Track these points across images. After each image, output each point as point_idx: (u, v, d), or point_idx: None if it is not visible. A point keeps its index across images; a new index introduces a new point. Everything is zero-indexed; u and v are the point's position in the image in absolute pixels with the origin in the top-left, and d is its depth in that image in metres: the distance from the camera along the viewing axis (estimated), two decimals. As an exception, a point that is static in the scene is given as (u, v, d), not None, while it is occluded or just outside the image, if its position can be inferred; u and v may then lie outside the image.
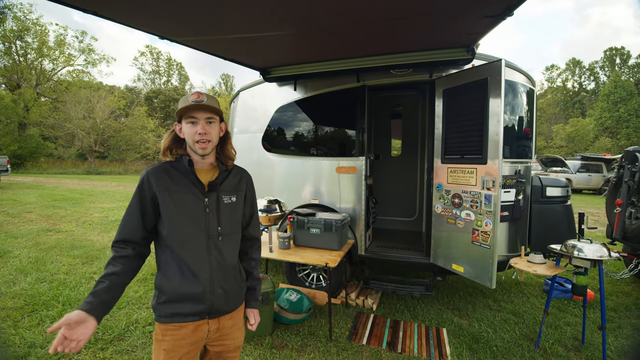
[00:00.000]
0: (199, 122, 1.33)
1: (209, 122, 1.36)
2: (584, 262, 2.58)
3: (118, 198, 12.22)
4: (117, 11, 1.96)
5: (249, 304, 1.59)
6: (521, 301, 3.86)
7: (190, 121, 1.33)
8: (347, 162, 3.82)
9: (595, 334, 3.10)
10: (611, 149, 28.28)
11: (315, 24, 2.41)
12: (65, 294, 3.75)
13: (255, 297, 1.61)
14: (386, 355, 2.76)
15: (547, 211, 3.75)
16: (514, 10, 1.95)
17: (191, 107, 1.31)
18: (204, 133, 1.33)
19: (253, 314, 1.59)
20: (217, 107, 1.36)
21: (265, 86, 4.23)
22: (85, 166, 29.75)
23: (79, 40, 30.18)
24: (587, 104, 41.78)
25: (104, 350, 2.79)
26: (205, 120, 1.34)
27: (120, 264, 1.27)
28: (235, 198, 1.48)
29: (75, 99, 28.89)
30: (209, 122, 1.35)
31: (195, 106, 1.30)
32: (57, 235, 6.48)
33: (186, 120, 1.34)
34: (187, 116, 1.33)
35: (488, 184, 2.89)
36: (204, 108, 1.32)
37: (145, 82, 50.78)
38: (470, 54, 3.13)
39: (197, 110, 1.32)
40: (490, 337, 3.04)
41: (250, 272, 1.60)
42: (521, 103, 3.58)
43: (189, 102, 1.31)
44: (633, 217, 3.93)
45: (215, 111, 1.36)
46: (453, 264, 3.27)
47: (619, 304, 3.80)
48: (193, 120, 1.33)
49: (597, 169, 16.14)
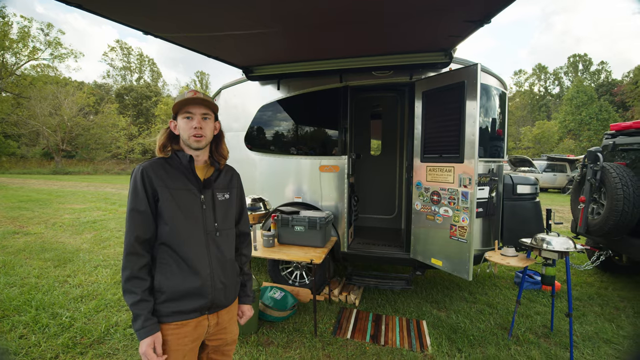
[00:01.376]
0: (195, 117, 1.36)
1: (205, 118, 1.38)
2: (553, 254, 2.77)
3: (89, 199, 11.73)
4: (103, 5, 1.92)
5: (241, 300, 1.62)
6: (494, 293, 4.07)
7: (186, 116, 1.36)
8: (330, 161, 3.89)
9: (563, 322, 3.33)
10: (574, 150, 29.98)
11: (300, 22, 2.45)
12: (38, 298, 3.60)
13: (247, 293, 1.64)
14: (370, 348, 2.85)
15: (518, 207, 3.96)
16: (492, 17, 2.08)
17: (188, 101, 1.33)
18: (199, 127, 1.35)
19: (245, 309, 1.63)
20: (213, 103, 1.39)
21: (247, 85, 4.23)
22: (52, 166, 28.29)
23: (44, 33, 28.54)
24: (552, 108, 44.08)
25: (84, 354, 2.72)
26: (201, 115, 1.37)
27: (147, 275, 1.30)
28: (228, 195, 1.51)
29: (41, 95, 27.39)
30: (204, 117, 1.38)
31: (191, 100, 1.33)
32: (25, 238, 6.17)
33: (182, 115, 1.36)
34: (184, 111, 1.35)
35: (465, 182, 3.04)
36: (200, 102, 1.35)
37: (116, 78, 48.95)
38: (448, 58, 3.27)
39: (193, 105, 1.35)
40: (467, 327, 3.20)
41: (241, 267, 1.62)
42: (494, 105, 3.77)
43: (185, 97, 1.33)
44: (595, 212, 4.22)
45: (210, 107, 1.39)
46: (432, 259, 3.40)
47: (582, 294, 4.08)
48: (189, 115, 1.35)
49: (561, 168, 17.08)
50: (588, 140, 31.92)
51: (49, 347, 2.78)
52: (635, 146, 4.16)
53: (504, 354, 2.78)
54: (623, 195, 3.64)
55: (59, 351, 2.73)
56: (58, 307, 3.46)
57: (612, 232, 3.80)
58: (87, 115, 31.85)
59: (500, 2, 1.93)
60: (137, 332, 1.22)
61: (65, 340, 2.86)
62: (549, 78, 48.55)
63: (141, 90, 40.49)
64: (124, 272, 1.26)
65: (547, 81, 48.67)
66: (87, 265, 4.75)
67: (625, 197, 3.64)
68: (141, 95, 39.74)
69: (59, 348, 2.76)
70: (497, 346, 2.89)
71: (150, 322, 1.24)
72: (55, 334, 2.96)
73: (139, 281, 1.26)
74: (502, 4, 1.93)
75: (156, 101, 38.13)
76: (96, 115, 32.77)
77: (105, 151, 32.76)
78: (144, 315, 1.23)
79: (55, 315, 3.28)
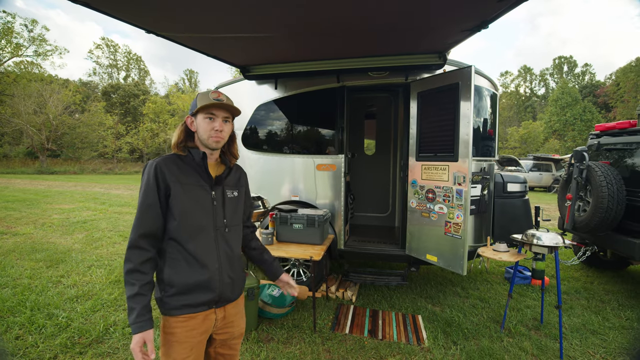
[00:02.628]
0: (217, 119, 1.40)
1: (225, 121, 1.43)
2: (543, 249, 2.89)
3: (77, 198, 11.53)
4: (111, 4, 1.93)
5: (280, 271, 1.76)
6: (486, 288, 4.19)
7: (209, 117, 1.40)
8: (326, 160, 3.95)
9: (552, 315, 3.46)
10: (559, 150, 30.75)
11: (306, 28, 2.51)
12: (32, 299, 3.56)
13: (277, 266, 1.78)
14: (369, 342, 2.92)
15: (508, 205, 4.08)
16: (489, 24, 2.16)
17: (212, 105, 1.37)
18: (220, 130, 1.40)
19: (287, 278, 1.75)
20: (235, 108, 1.44)
21: (244, 84, 4.24)
22: (37, 165, 27.55)
23: (28, 30, 27.79)
24: (538, 108, 45.07)
25: (83, 354, 2.71)
26: (223, 118, 1.42)
27: (149, 268, 1.31)
28: (237, 193, 1.56)
29: (25, 93, 26.65)
30: (225, 120, 1.43)
31: (217, 104, 1.38)
32: (15, 239, 6.05)
33: (204, 114, 1.40)
34: (206, 111, 1.39)
35: (459, 180, 3.14)
36: (223, 107, 1.40)
37: (102, 76, 48.04)
38: (442, 60, 3.35)
39: (217, 109, 1.40)
40: (461, 321, 3.30)
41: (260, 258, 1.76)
42: (486, 106, 3.88)
43: (210, 100, 1.37)
44: (581, 209, 4.38)
45: (232, 112, 1.44)
46: (427, 255, 3.49)
47: (570, 288, 4.24)
48: (211, 116, 1.40)
49: (547, 168, 17.51)
50: (572, 140, 32.78)
51: (47, 347, 2.76)
52: (619, 146, 4.33)
53: (497, 345, 2.88)
54: (608, 192, 3.80)
55: (57, 351, 2.71)
56: (53, 307, 3.42)
57: (597, 229, 3.96)
58: (73, 113, 31.16)
59: (497, 10, 2.01)
60: (130, 326, 1.24)
61: (63, 340, 2.85)
62: (535, 79, 49.66)
63: (128, 89, 39.78)
64: (126, 265, 1.28)
65: (533, 82, 49.77)
66: (80, 266, 4.70)
67: (609, 194, 3.79)
68: (128, 94, 39.04)
69: (57, 348, 2.75)
70: (490, 338, 3.00)
71: (143, 318, 1.24)
72: (52, 335, 2.94)
73: (140, 274, 1.27)
74: (500, 11, 2.01)
75: (144, 100, 37.53)
76: (82, 113, 32.08)
77: (92, 150, 32.08)
78: (138, 310, 1.24)
79: (51, 316, 3.25)
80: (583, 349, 2.88)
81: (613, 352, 2.86)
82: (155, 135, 32.96)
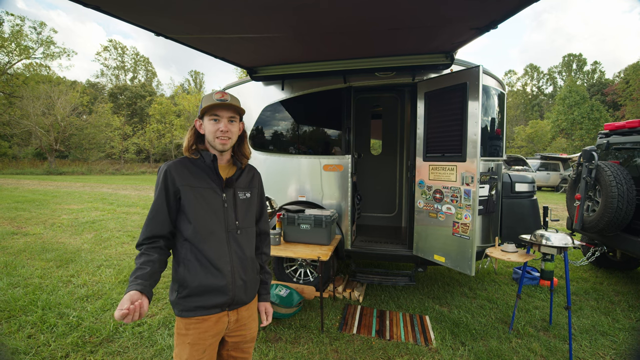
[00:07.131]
0: (222, 120, 1.40)
1: (231, 121, 1.42)
2: (552, 250, 2.86)
3: (86, 199, 11.66)
4: (121, 7, 1.95)
5: (262, 298, 1.65)
6: (494, 289, 4.17)
7: (213, 118, 1.39)
8: (333, 160, 3.95)
9: (561, 315, 3.43)
10: (567, 149, 30.41)
11: (313, 29, 2.51)
12: (43, 298, 3.61)
13: (267, 291, 1.67)
14: (376, 342, 2.92)
15: (516, 205, 4.05)
16: (498, 24, 2.15)
17: (216, 106, 1.37)
18: (225, 131, 1.39)
19: (265, 308, 1.64)
20: (240, 107, 1.43)
21: (251, 85, 4.27)
22: (45, 166, 27.95)
23: (37, 32, 28.16)
24: (545, 107, 44.62)
25: (94, 352, 2.75)
26: (228, 118, 1.41)
27: (155, 252, 1.30)
28: (249, 194, 1.55)
29: (34, 94, 27.06)
30: (230, 120, 1.42)
31: (220, 105, 1.37)
32: (25, 239, 6.14)
33: (209, 116, 1.40)
34: (211, 113, 1.39)
35: (467, 180, 3.12)
36: (227, 107, 1.39)
37: (110, 77, 48.51)
38: (449, 60, 3.34)
39: (221, 109, 1.39)
40: (469, 322, 3.28)
41: (261, 266, 1.65)
42: (493, 106, 3.86)
43: (213, 101, 1.37)
44: (590, 209, 4.34)
45: (237, 111, 1.43)
46: (435, 255, 3.49)
47: (579, 289, 4.20)
48: (216, 117, 1.39)
49: (554, 167, 17.31)
50: (580, 139, 32.41)
51: (58, 346, 2.80)
52: (628, 145, 4.28)
53: (505, 346, 2.87)
54: (617, 192, 3.75)
55: (69, 350, 2.75)
56: (64, 307, 3.47)
57: (606, 229, 3.91)
58: (80, 114, 31.57)
59: (507, 10, 2.00)
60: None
61: (75, 339, 2.89)
62: (543, 77, 49.17)
63: (135, 90, 40.17)
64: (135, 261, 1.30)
65: (540, 80, 49.28)
66: (89, 265, 4.76)
67: (619, 194, 3.75)
68: (135, 95, 39.44)
69: (68, 347, 2.79)
70: (498, 339, 2.98)
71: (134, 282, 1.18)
72: (63, 334, 2.98)
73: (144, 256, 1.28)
74: (510, 11, 2.00)
75: (150, 100, 37.86)
76: (90, 114, 32.47)
77: (99, 151, 32.51)
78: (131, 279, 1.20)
79: (62, 315, 3.30)
80: (593, 351, 2.86)
81: (623, 353, 2.83)
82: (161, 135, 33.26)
